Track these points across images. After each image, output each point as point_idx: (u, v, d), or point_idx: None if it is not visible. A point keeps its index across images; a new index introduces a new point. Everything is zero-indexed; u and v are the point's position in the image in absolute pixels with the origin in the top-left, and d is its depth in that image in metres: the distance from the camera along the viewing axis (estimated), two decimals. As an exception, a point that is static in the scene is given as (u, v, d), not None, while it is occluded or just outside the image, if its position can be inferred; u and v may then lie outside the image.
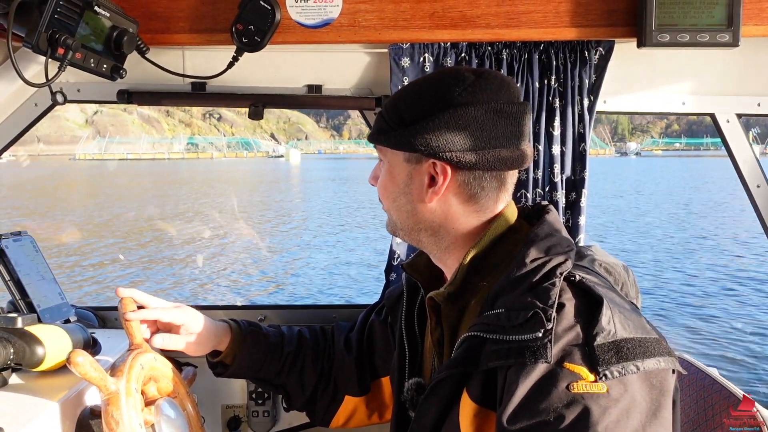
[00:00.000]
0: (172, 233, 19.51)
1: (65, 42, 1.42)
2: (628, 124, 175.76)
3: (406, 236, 1.34)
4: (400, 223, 1.32)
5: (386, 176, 1.31)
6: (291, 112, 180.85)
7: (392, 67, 1.92)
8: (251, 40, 1.74)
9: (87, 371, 1.21)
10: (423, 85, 1.27)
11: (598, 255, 1.36)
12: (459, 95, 1.20)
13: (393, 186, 1.30)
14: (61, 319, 1.76)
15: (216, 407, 2.10)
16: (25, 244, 1.79)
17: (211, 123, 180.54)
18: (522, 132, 1.25)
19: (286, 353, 1.61)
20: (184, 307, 1.48)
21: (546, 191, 2.01)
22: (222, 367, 1.58)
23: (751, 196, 2.03)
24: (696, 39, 1.71)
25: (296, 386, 1.62)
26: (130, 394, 1.26)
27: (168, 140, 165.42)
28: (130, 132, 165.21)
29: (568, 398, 0.99)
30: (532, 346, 1.02)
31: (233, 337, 1.56)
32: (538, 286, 1.10)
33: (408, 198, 1.28)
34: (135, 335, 1.40)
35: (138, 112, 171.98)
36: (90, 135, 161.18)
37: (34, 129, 2.10)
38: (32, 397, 1.31)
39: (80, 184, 43.80)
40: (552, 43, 1.90)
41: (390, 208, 1.33)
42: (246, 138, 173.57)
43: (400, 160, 1.27)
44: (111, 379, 1.25)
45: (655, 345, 1.06)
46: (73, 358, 1.21)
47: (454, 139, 1.19)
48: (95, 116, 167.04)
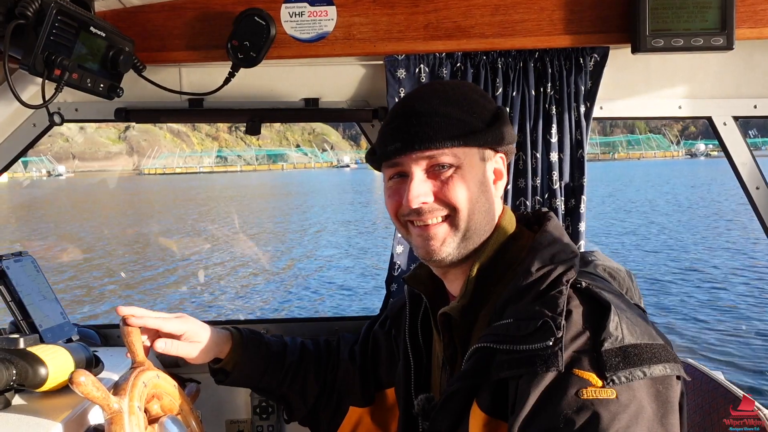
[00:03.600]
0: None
1: (62, 63, 1.43)
2: (645, 128, 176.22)
3: (467, 246, 1.27)
4: (476, 227, 1.26)
5: (467, 177, 1.25)
6: (315, 124, 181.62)
7: (388, 78, 1.93)
8: (247, 56, 1.75)
9: (89, 391, 1.21)
10: (468, 90, 1.34)
11: (602, 260, 1.37)
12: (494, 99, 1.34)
13: (475, 187, 1.26)
14: (63, 338, 1.76)
15: (220, 422, 2.09)
16: (26, 264, 1.79)
17: (237, 136, 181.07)
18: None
19: (288, 363, 1.61)
20: (185, 317, 1.48)
21: (545, 198, 2.01)
22: (223, 375, 1.58)
23: (751, 198, 2.03)
24: (690, 43, 1.72)
25: (298, 397, 1.62)
26: (134, 412, 1.25)
27: (198, 154, 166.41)
28: (162, 146, 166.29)
29: (577, 404, 1.00)
30: (543, 354, 1.03)
31: (234, 344, 1.56)
32: (545, 294, 1.11)
33: (486, 196, 1.28)
34: (137, 353, 1.40)
35: (168, 126, 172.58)
36: (125, 151, 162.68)
37: (68, 146, 2.10)
38: (35, 417, 1.30)
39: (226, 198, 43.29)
40: (547, 50, 1.91)
41: (471, 210, 1.25)
42: (280, 150, 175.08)
43: (476, 159, 1.27)
44: (114, 398, 1.25)
45: (662, 351, 1.07)
46: (75, 378, 1.20)
47: (510, 133, 1.32)
48: (127, 132, 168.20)
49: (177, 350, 1.45)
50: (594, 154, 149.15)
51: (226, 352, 1.55)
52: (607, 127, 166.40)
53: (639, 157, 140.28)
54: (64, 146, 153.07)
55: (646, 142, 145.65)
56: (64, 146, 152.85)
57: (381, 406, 1.62)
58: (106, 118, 2.05)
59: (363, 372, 1.62)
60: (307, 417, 1.65)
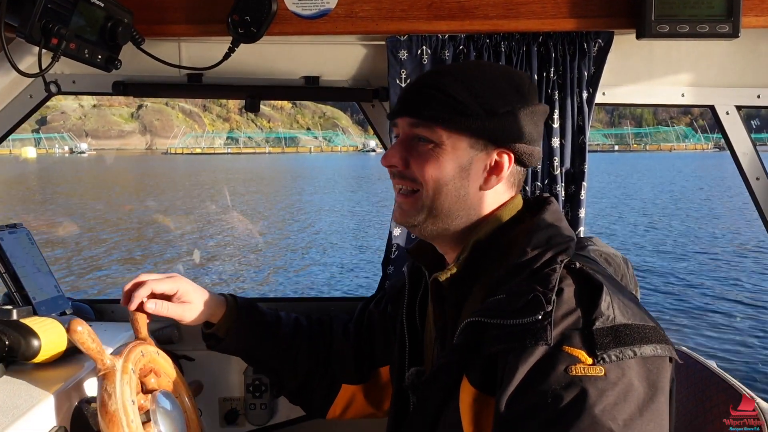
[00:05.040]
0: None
1: (59, 32, 1.41)
2: (653, 120, 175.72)
3: (436, 225, 1.28)
4: (442, 209, 1.26)
5: (441, 158, 1.24)
6: (325, 107, 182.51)
7: (390, 59, 1.91)
8: (247, 31, 1.73)
9: (85, 340, 1.20)
10: (495, 75, 1.28)
11: (599, 246, 1.38)
12: (528, 93, 1.28)
13: (448, 169, 1.24)
14: (58, 311, 1.75)
15: (213, 400, 2.09)
16: (21, 236, 1.78)
17: (248, 117, 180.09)
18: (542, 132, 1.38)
19: (282, 334, 1.62)
20: (177, 277, 1.49)
21: (545, 184, 2.00)
22: (215, 340, 1.58)
23: (750, 189, 2.03)
24: (696, 30, 1.70)
25: (289, 370, 1.62)
26: (126, 372, 1.25)
27: (210, 135, 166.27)
28: (174, 126, 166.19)
29: (566, 380, 1.00)
30: (532, 328, 1.03)
31: (228, 309, 1.57)
32: (538, 272, 1.11)
33: (464, 183, 1.25)
34: (141, 330, 1.42)
35: (180, 106, 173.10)
36: (138, 130, 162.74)
37: (81, 124, 2.09)
38: (27, 389, 1.30)
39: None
40: (551, 34, 1.89)
41: (436, 190, 1.25)
42: (292, 132, 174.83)
43: (464, 145, 1.24)
44: (109, 355, 1.24)
45: (653, 332, 1.07)
46: (73, 326, 1.19)
47: (526, 133, 1.26)
48: (140, 111, 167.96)
49: (167, 311, 1.45)
50: (625, 145, 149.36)
51: (219, 316, 1.55)
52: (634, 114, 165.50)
53: (670, 149, 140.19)
54: (77, 123, 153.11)
55: (677, 135, 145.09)
56: (77, 123, 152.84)
57: (375, 384, 1.63)
58: (104, 91, 2.03)
59: (357, 350, 1.63)
60: (297, 393, 1.66)
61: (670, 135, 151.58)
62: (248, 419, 2.10)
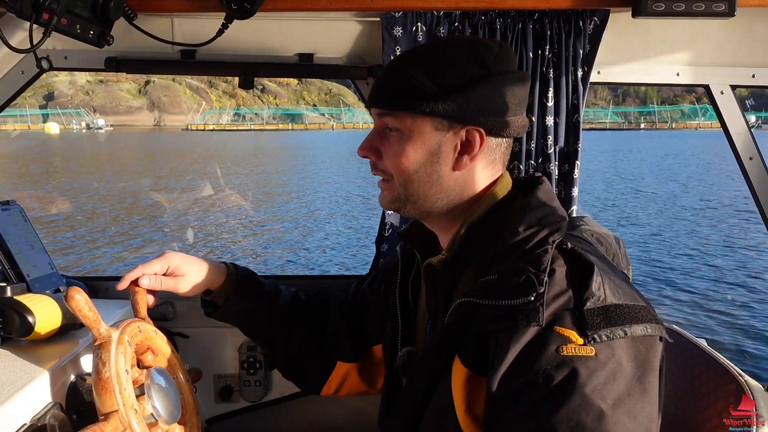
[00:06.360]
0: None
1: (50, 6, 1.39)
2: (657, 98, 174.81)
3: (418, 208, 1.27)
4: (417, 195, 1.25)
5: (407, 146, 1.22)
6: (332, 84, 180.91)
7: (384, 36, 1.89)
8: (241, 7, 1.71)
9: (81, 308, 1.20)
10: (455, 50, 1.21)
11: (591, 226, 1.38)
12: (494, 63, 1.20)
13: (416, 156, 1.22)
14: (51, 288, 1.75)
15: (208, 376, 2.11)
16: (14, 213, 1.77)
17: (254, 94, 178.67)
18: (527, 100, 1.29)
19: (279, 306, 1.63)
20: (167, 254, 1.50)
21: (539, 162, 2.00)
22: (212, 307, 1.60)
23: (744, 168, 2.03)
24: (691, 8, 1.70)
25: (283, 342, 1.63)
26: (122, 343, 1.25)
27: (217, 111, 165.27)
28: (182, 102, 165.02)
29: (557, 360, 1.00)
30: (524, 309, 1.04)
31: (228, 277, 1.58)
32: (530, 253, 1.11)
33: (435, 167, 1.22)
34: (141, 310, 1.43)
35: (186, 82, 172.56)
36: (146, 106, 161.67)
37: (90, 99, 2.07)
38: (23, 365, 1.30)
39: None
40: (546, 12, 1.87)
41: (407, 180, 1.24)
42: (298, 110, 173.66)
43: (428, 128, 1.20)
44: (105, 325, 1.25)
45: (643, 312, 1.08)
46: (70, 293, 1.18)
47: (493, 106, 1.20)
48: (148, 87, 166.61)
49: (161, 284, 1.47)
50: (651, 122, 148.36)
51: (218, 284, 1.57)
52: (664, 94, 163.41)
53: (696, 127, 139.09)
54: (85, 99, 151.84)
55: (703, 112, 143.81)
56: (84, 99, 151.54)
57: (369, 362, 1.64)
58: (96, 67, 2.01)
59: (352, 327, 1.64)
60: (289, 366, 1.67)
61: (695, 112, 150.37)
62: (243, 396, 2.12)
